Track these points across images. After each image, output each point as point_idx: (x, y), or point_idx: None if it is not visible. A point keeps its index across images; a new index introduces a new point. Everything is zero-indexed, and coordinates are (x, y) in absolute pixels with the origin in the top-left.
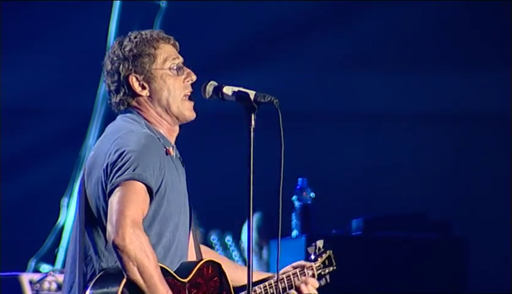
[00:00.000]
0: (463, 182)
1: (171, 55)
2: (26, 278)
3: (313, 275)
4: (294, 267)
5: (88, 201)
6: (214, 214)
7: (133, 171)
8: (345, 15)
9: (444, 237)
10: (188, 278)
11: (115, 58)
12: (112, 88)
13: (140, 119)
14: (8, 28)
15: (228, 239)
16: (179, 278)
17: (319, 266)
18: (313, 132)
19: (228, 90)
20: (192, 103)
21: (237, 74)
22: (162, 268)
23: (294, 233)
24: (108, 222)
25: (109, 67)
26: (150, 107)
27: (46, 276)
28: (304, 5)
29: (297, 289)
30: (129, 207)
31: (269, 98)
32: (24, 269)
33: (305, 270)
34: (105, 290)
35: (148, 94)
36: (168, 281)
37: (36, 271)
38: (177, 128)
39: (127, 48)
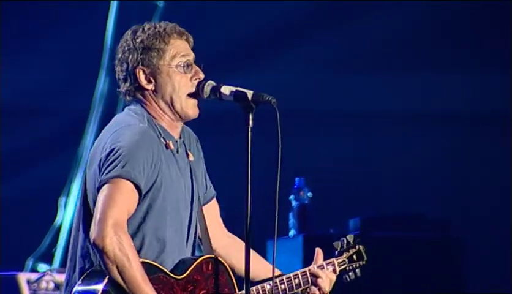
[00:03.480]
0: (463, 181)
1: (181, 51)
2: (23, 277)
3: (334, 271)
4: (318, 264)
5: (86, 194)
6: None
7: (122, 168)
8: (342, 15)
9: (443, 237)
10: (184, 275)
11: (126, 47)
12: (121, 76)
13: (143, 112)
14: (6, 28)
15: None
16: (172, 275)
17: (342, 261)
18: (311, 132)
19: (226, 90)
20: (195, 101)
21: (235, 74)
22: (152, 265)
23: (292, 232)
24: (92, 220)
25: (120, 55)
26: (154, 101)
27: (43, 275)
28: (302, 5)
29: (313, 284)
30: (113, 207)
31: (267, 98)
32: (21, 269)
33: (325, 266)
34: (90, 287)
35: (153, 88)
36: (159, 278)
37: (33, 270)
38: (179, 124)
39: (139, 39)
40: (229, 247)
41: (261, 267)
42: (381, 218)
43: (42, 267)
